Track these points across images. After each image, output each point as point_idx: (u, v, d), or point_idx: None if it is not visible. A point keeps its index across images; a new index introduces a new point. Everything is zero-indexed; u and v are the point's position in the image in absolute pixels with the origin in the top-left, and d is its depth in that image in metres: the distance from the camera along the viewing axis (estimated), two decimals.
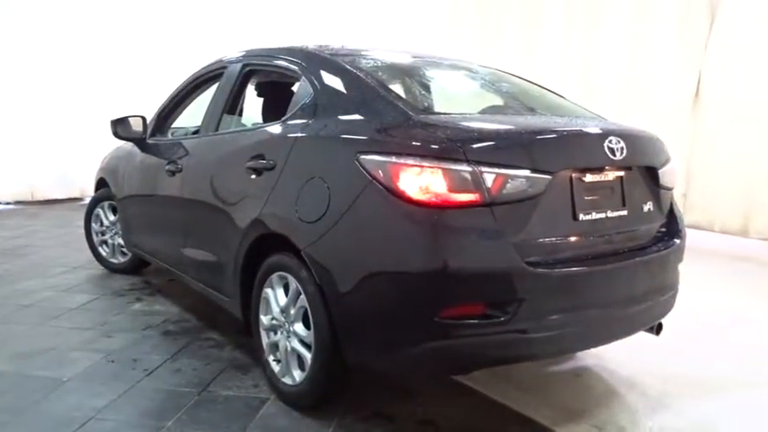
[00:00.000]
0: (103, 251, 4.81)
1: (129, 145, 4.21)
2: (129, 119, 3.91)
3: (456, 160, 2.07)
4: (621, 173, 2.47)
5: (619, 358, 3.19)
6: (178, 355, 3.16)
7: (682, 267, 2.74)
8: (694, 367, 3.17)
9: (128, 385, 2.80)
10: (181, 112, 4.05)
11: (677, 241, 2.65)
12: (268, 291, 2.70)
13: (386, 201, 2.13)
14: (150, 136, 4.00)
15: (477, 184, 2.06)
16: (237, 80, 3.28)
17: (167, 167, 3.56)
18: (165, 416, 2.53)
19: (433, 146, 2.12)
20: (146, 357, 3.14)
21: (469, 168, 2.06)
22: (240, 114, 3.37)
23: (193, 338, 3.40)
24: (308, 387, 2.50)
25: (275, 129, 2.78)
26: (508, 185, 2.10)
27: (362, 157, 2.22)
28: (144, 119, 3.95)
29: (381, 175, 2.15)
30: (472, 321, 2.09)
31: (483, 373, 2.92)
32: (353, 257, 2.24)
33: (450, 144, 2.11)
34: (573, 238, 2.31)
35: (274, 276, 2.66)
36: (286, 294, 2.61)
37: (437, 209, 2.06)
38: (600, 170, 2.38)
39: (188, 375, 2.93)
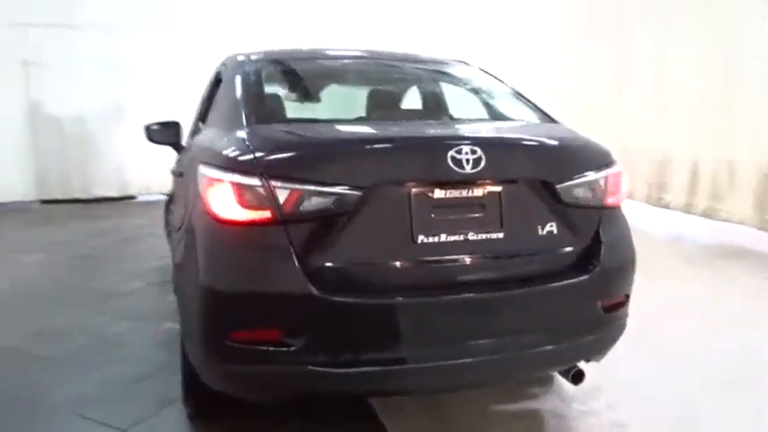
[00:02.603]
0: None
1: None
2: (163, 123, 4.19)
3: (246, 173, 1.92)
4: (498, 188, 2.06)
5: (588, 398, 2.68)
6: (161, 353, 3.27)
7: None
8: (673, 409, 2.55)
9: (93, 372, 3.00)
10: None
11: (588, 275, 2.13)
12: None
13: (200, 214, 2.07)
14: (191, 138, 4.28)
15: (268, 199, 1.90)
16: (211, 87, 3.37)
17: (173, 170, 3.80)
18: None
19: (229, 157, 2.00)
20: (127, 350, 3.32)
21: (260, 183, 1.90)
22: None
23: None
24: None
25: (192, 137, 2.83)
26: (306, 202, 1.89)
27: (199, 168, 2.18)
28: (177, 123, 4.21)
29: (200, 187, 2.09)
30: (262, 348, 1.92)
31: (409, 404, 2.67)
32: (180, 272, 2.21)
33: (243, 156, 1.97)
34: (408, 263, 1.99)
35: None
36: None
37: (228, 225, 1.95)
38: (457, 185, 2.01)
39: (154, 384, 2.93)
